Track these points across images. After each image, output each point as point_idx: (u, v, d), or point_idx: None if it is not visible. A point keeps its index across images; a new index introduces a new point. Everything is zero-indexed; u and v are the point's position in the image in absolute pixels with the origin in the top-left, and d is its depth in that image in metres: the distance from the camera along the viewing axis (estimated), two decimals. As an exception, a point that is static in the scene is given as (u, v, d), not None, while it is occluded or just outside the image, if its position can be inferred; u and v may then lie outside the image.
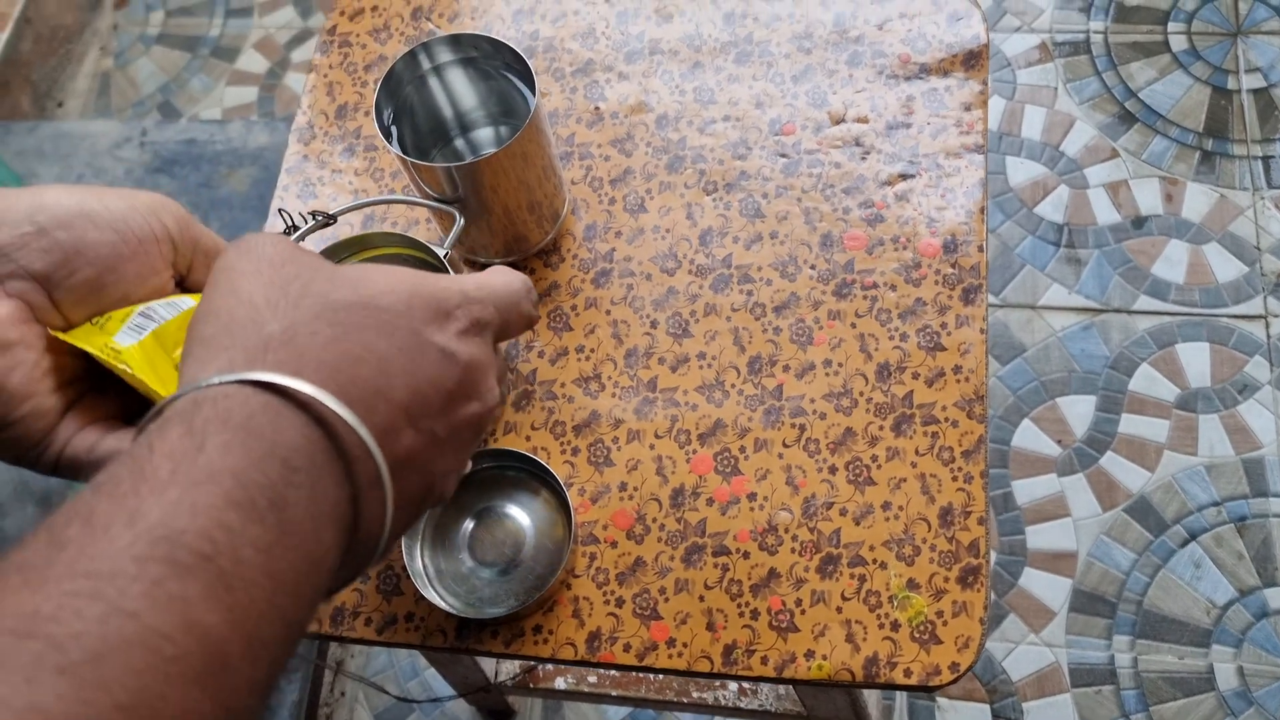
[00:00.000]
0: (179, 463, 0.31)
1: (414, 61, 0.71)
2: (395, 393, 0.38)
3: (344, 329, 0.37)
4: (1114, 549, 1.35)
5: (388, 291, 0.39)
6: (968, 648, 0.65)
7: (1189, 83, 1.62)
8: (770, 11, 0.86)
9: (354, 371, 0.36)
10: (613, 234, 0.79)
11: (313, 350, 0.36)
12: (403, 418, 0.38)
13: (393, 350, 0.38)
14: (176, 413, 0.33)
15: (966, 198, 0.77)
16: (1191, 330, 1.46)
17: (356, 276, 0.39)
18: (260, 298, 0.37)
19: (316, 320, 0.37)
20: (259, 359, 0.35)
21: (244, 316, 0.37)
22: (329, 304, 0.38)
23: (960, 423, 0.71)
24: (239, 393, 0.34)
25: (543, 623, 0.69)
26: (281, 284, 0.38)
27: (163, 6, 2.03)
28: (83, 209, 0.44)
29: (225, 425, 0.33)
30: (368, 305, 0.38)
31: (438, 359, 0.39)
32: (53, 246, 0.43)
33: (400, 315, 0.39)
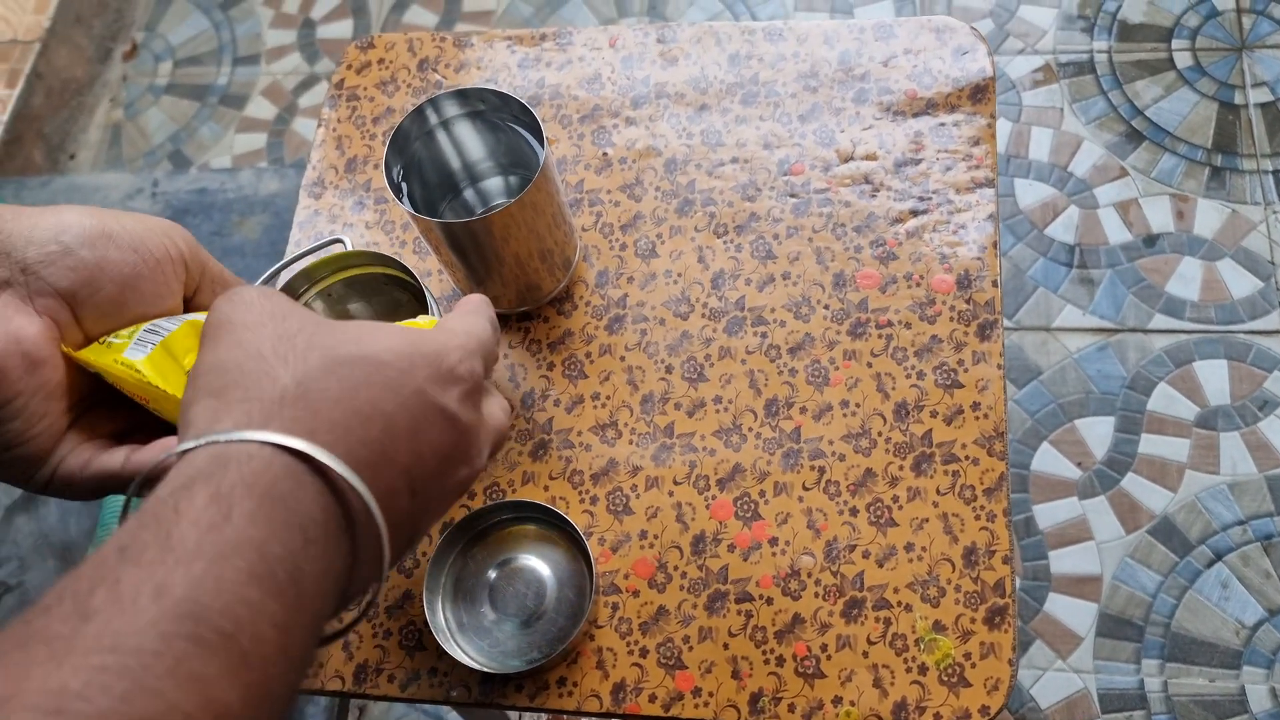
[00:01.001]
0: (205, 533, 0.32)
1: (421, 118, 0.71)
2: (399, 455, 0.38)
3: (352, 385, 0.38)
4: (1139, 571, 1.34)
5: (389, 349, 0.40)
6: (997, 690, 0.64)
7: (1195, 99, 1.62)
8: (775, 52, 0.86)
9: (363, 432, 0.37)
10: (625, 279, 0.79)
11: (325, 408, 0.36)
12: (403, 481, 0.38)
13: (398, 410, 0.38)
14: (201, 473, 0.33)
15: (978, 232, 0.77)
16: (1209, 347, 1.45)
17: (356, 332, 0.40)
18: (268, 349, 0.38)
19: (326, 375, 0.37)
20: (275, 414, 0.36)
21: (254, 369, 0.37)
22: (336, 358, 0.38)
23: (981, 460, 0.70)
24: (261, 454, 0.34)
25: (567, 675, 0.68)
26: (287, 336, 0.38)
27: (171, 56, 2.05)
28: (103, 229, 0.45)
29: (250, 492, 0.33)
30: (372, 361, 0.39)
31: (439, 421, 0.40)
32: (78, 265, 0.44)
33: (405, 373, 0.39)
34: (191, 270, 0.49)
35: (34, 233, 0.44)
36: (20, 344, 0.43)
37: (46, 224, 0.44)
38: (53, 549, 1.60)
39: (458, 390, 0.41)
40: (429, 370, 0.40)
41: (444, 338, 0.42)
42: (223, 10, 2.08)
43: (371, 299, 0.68)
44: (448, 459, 0.41)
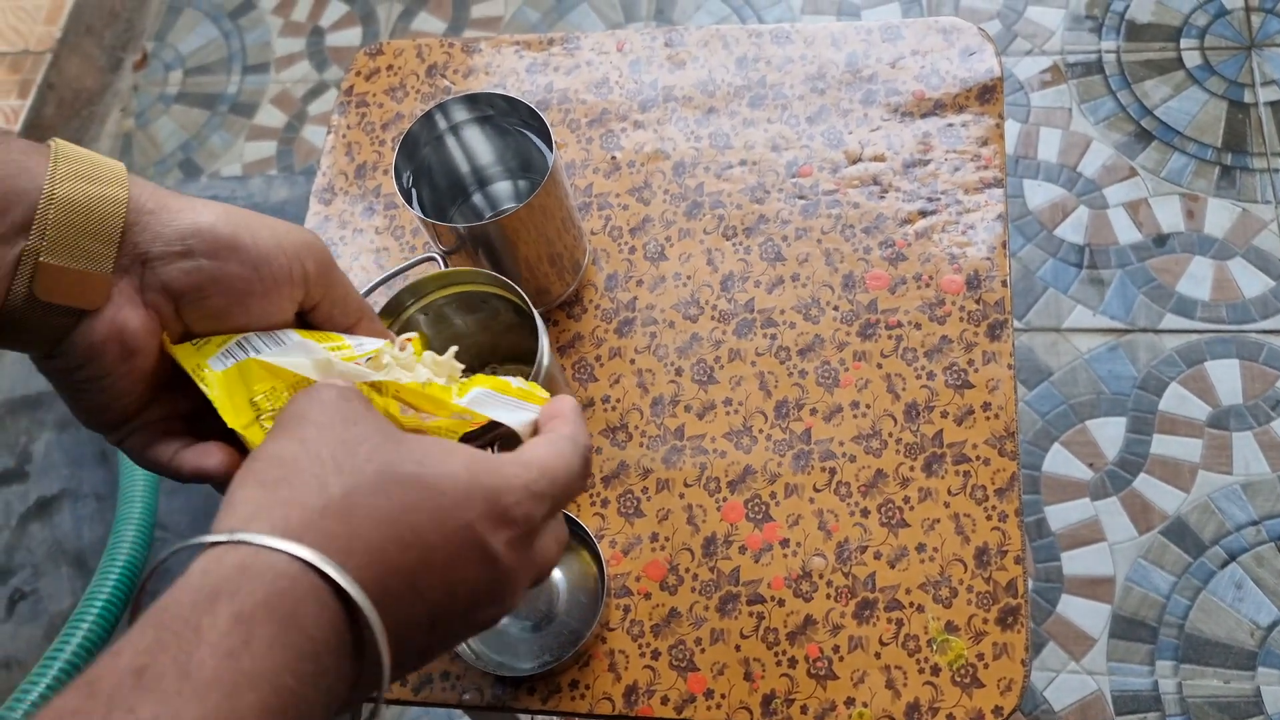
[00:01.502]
0: (224, 659, 0.31)
1: (431, 123, 0.71)
2: (429, 589, 0.37)
3: (400, 508, 0.37)
4: (1152, 572, 1.33)
5: (450, 476, 0.39)
6: (1010, 690, 0.64)
7: (1205, 98, 1.61)
8: (782, 54, 0.86)
9: (399, 559, 0.36)
10: (634, 283, 0.80)
11: (366, 527, 0.36)
12: (426, 614, 0.38)
13: (441, 542, 0.38)
14: (226, 585, 0.33)
15: (987, 233, 0.77)
16: (1220, 347, 1.44)
17: (422, 452, 0.39)
18: (327, 453, 0.38)
19: (377, 492, 0.37)
20: (314, 525, 0.35)
21: (308, 470, 0.37)
22: (392, 475, 0.38)
23: (992, 460, 0.70)
24: (289, 570, 0.34)
25: (579, 677, 0.68)
26: (350, 443, 0.38)
27: (181, 66, 2.07)
28: (233, 240, 0.45)
29: (272, 616, 0.33)
30: (428, 486, 0.38)
31: (479, 562, 0.39)
32: (195, 270, 0.45)
33: (458, 505, 0.38)
34: (313, 292, 0.49)
35: (165, 230, 0.44)
36: (121, 333, 0.45)
37: (182, 223, 0.45)
38: (66, 556, 1.60)
39: (508, 533, 0.40)
40: (484, 507, 0.39)
41: (512, 472, 0.41)
42: (232, 19, 2.09)
43: (475, 312, 0.68)
44: (479, 599, 0.40)
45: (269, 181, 1.75)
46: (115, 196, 0.44)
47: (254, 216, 0.47)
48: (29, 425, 1.72)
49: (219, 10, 2.11)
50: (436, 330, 0.67)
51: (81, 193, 0.43)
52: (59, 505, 1.64)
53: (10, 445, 1.71)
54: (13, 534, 1.64)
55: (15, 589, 1.60)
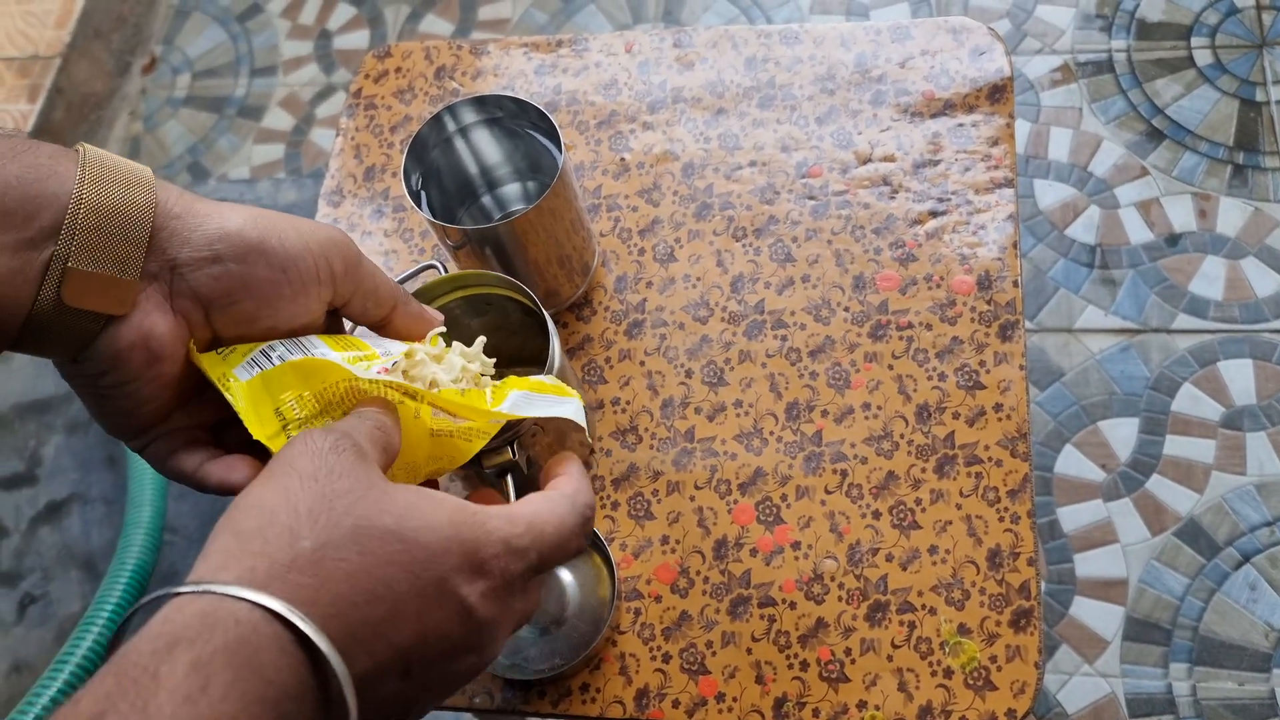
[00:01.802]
0: (180, 705, 0.31)
1: (439, 125, 0.71)
2: (399, 638, 0.37)
3: (373, 560, 0.37)
4: (1165, 574, 1.32)
5: (429, 528, 0.39)
6: (1024, 693, 0.64)
7: (1216, 97, 1.60)
8: (791, 55, 0.86)
9: (366, 612, 0.37)
10: (643, 284, 0.79)
11: (334, 580, 0.36)
12: (397, 665, 0.38)
13: (412, 594, 0.38)
14: (186, 633, 0.33)
15: (998, 233, 0.76)
16: (1233, 347, 1.43)
17: (405, 505, 0.39)
18: (305, 507, 0.38)
19: (349, 545, 0.37)
20: (280, 577, 0.35)
21: (283, 523, 0.37)
22: (367, 529, 0.38)
23: (1004, 462, 0.70)
24: (250, 618, 0.34)
25: (589, 681, 0.68)
26: (330, 497, 0.38)
27: (189, 69, 2.07)
28: (260, 244, 0.45)
29: (231, 661, 0.33)
30: (405, 540, 0.38)
31: (454, 613, 0.39)
32: (223, 275, 0.45)
33: (434, 558, 0.39)
34: (341, 290, 0.49)
35: (193, 235, 0.44)
36: (148, 340, 0.45)
37: (209, 229, 0.45)
38: (75, 560, 1.61)
39: (483, 585, 0.40)
40: (460, 560, 0.39)
41: (495, 525, 0.41)
42: (240, 22, 2.10)
43: (484, 315, 0.68)
44: (454, 648, 0.40)
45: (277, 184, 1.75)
46: (143, 201, 0.44)
47: (280, 218, 0.47)
48: (38, 429, 1.72)
49: (227, 14, 2.12)
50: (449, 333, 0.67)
51: (110, 197, 0.43)
52: (68, 509, 1.65)
53: (20, 449, 1.71)
54: (22, 538, 1.64)
55: (25, 593, 1.60)
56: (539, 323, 0.65)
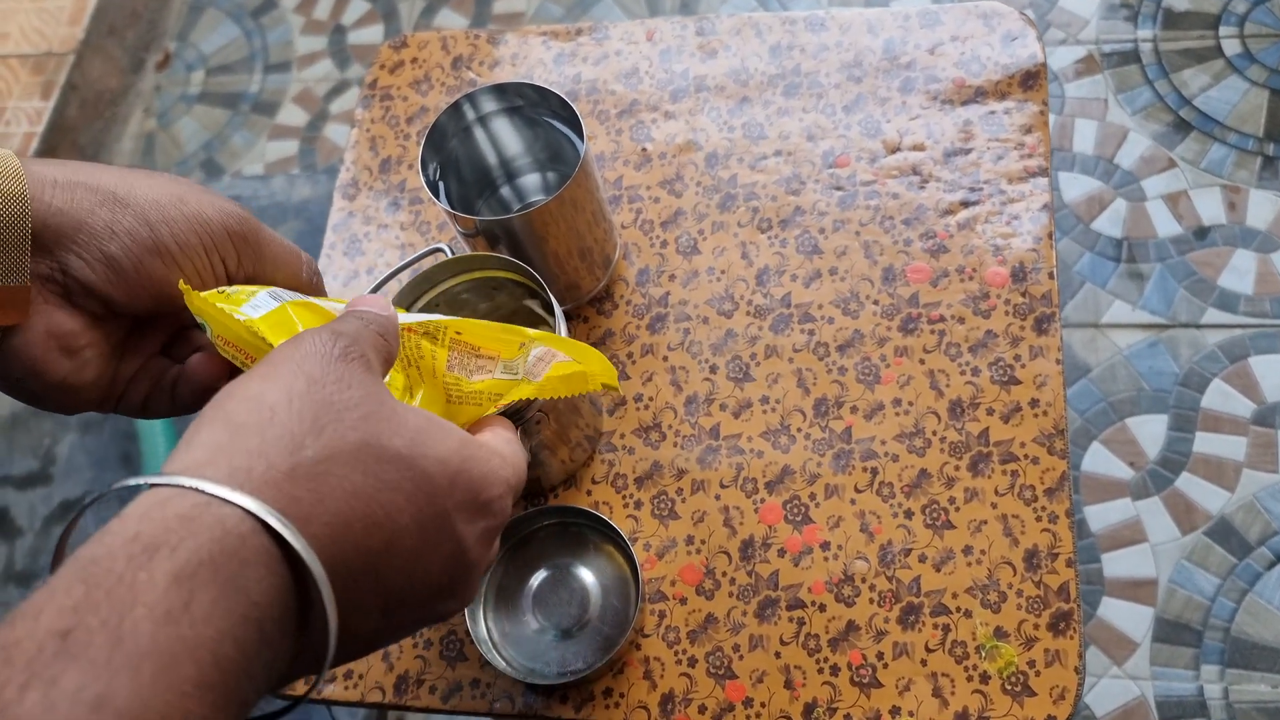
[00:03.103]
0: (160, 625, 0.28)
1: (458, 113, 0.69)
2: (390, 575, 0.35)
3: (378, 483, 0.35)
4: (1196, 574, 1.29)
5: (439, 459, 0.37)
6: (1064, 699, 0.61)
7: (1245, 87, 1.57)
8: (817, 42, 0.84)
9: (364, 538, 0.34)
10: (666, 277, 0.77)
11: (335, 497, 0.33)
12: (381, 603, 0.36)
13: (413, 527, 0.36)
14: (168, 536, 0.30)
15: (1033, 223, 0.74)
16: (1265, 342, 1.40)
17: (415, 429, 0.37)
18: (310, 412, 0.35)
19: (354, 461, 0.34)
20: (278, 483, 0.33)
21: (285, 425, 0.34)
22: (376, 449, 0.35)
23: (1041, 459, 0.67)
24: (239, 528, 0.31)
25: (613, 685, 0.66)
26: (339, 406, 0.35)
27: (203, 65, 2.06)
28: (153, 243, 0.43)
29: (216, 576, 0.30)
30: (413, 467, 0.36)
31: (449, 553, 0.37)
32: (119, 280, 0.43)
33: (440, 491, 0.36)
34: (237, 276, 0.47)
35: (79, 234, 0.42)
36: (62, 338, 0.43)
37: (96, 224, 0.42)
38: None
39: (483, 524, 0.39)
40: (464, 495, 0.38)
41: (498, 465, 0.40)
42: (254, 18, 2.08)
43: (494, 299, 0.67)
44: (440, 590, 0.38)
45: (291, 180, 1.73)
46: (16, 209, 0.40)
47: (171, 197, 0.44)
48: (52, 428, 1.71)
49: (241, 9, 2.10)
50: (456, 314, 0.65)
51: None
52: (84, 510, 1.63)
53: (34, 448, 1.70)
54: (37, 537, 1.64)
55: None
56: (547, 305, 0.63)
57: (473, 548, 0.38)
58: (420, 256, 0.69)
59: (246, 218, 0.46)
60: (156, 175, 0.45)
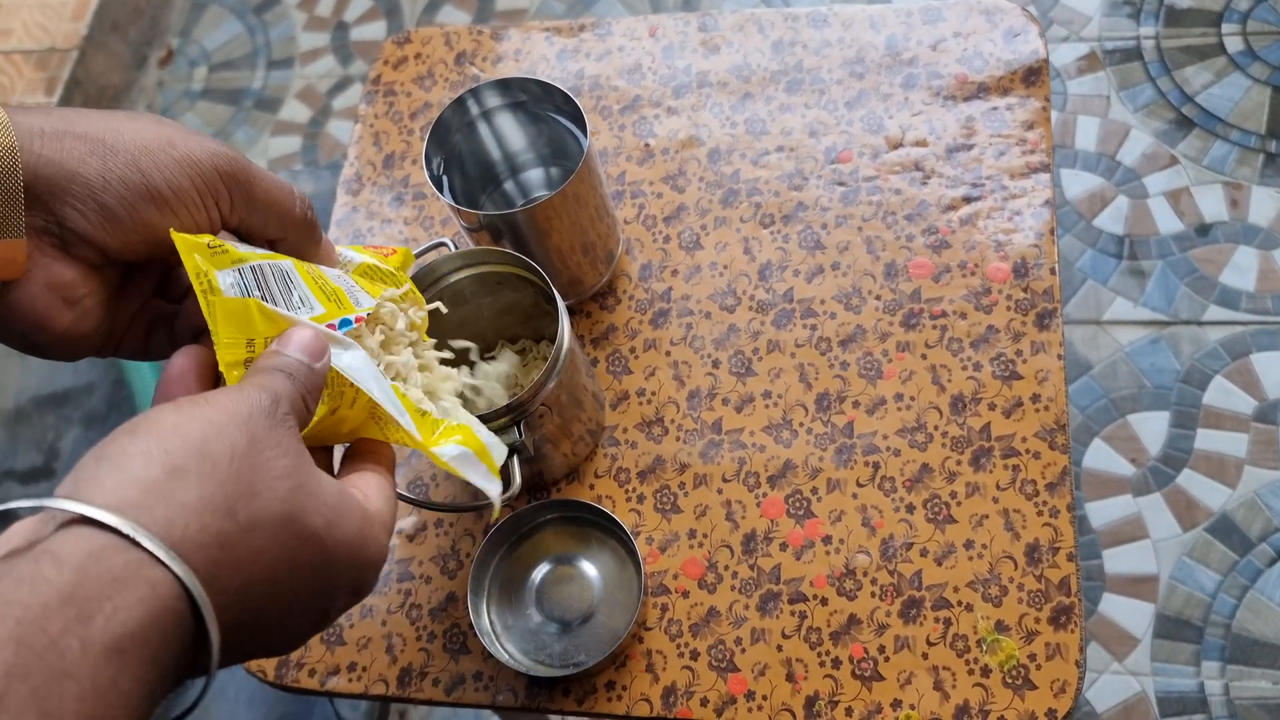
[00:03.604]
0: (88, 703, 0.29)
1: (462, 108, 0.69)
2: (265, 633, 0.37)
3: (292, 561, 0.36)
4: (1197, 571, 1.30)
5: (345, 543, 0.39)
6: (1065, 693, 0.62)
7: (1247, 84, 1.57)
8: (819, 38, 0.84)
9: (259, 606, 0.36)
10: (669, 272, 0.77)
11: (249, 566, 0.35)
12: (244, 651, 0.38)
13: (305, 598, 0.38)
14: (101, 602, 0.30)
15: (1035, 219, 0.74)
16: (1266, 339, 1.40)
17: (333, 509, 0.38)
18: (246, 479, 0.36)
19: (275, 534, 0.36)
20: (209, 549, 0.34)
21: (220, 485, 0.35)
22: (297, 526, 0.37)
23: (1042, 454, 0.67)
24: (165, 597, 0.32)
25: (615, 678, 0.66)
26: (272, 476, 0.36)
27: (206, 61, 2.06)
28: (145, 188, 0.43)
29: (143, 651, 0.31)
30: (324, 548, 0.38)
31: (321, 617, 0.40)
32: (114, 229, 0.43)
33: (337, 573, 0.39)
34: (237, 205, 0.47)
35: (72, 185, 0.42)
36: (62, 289, 0.43)
37: (89, 174, 0.42)
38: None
39: (354, 600, 0.41)
40: (357, 577, 0.40)
41: (383, 543, 0.42)
42: (257, 14, 2.09)
43: (497, 293, 0.67)
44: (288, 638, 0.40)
45: (294, 176, 1.73)
46: (3, 146, 0.40)
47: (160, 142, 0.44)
48: (56, 422, 1.71)
49: (243, 5, 2.10)
50: (454, 310, 0.66)
51: None
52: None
53: (38, 442, 1.71)
54: (41, 531, 1.64)
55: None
56: (550, 299, 0.64)
57: (336, 613, 0.41)
58: (424, 251, 0.69)
59: (235, 157, 0.46)
60: (141, 117, 0.45)
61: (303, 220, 0.49)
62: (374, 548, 0.41)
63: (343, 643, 0.71)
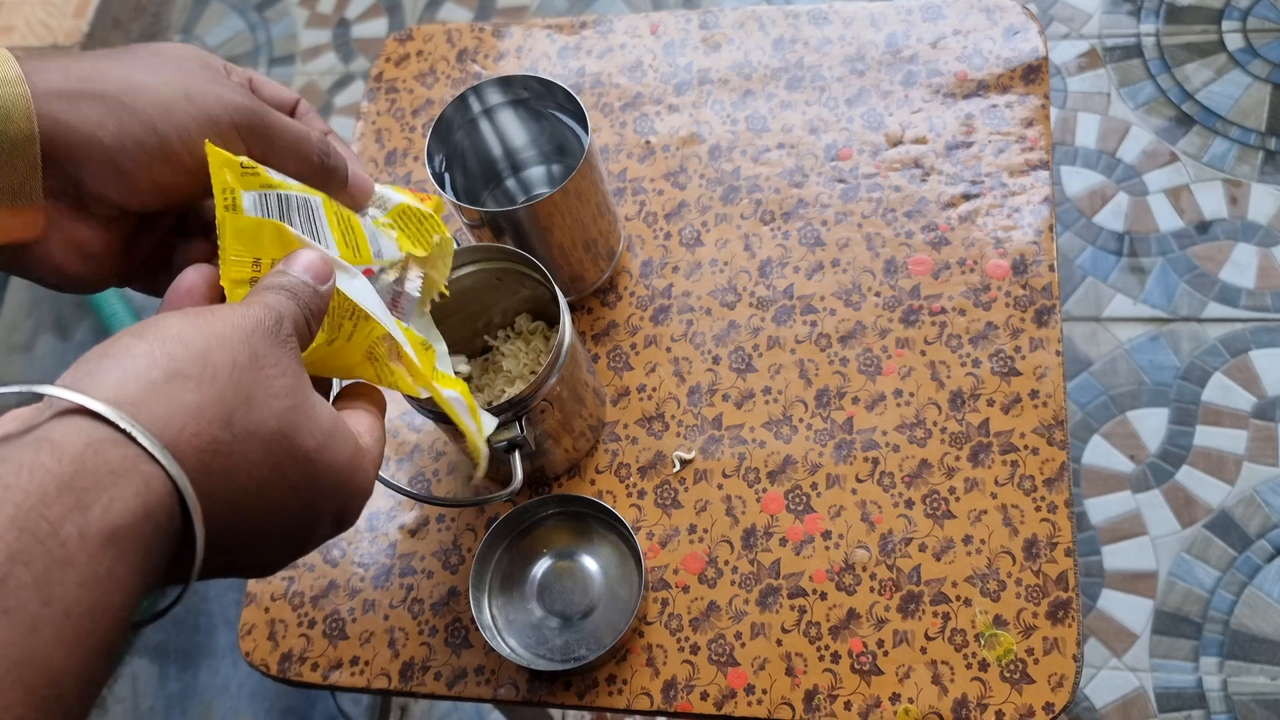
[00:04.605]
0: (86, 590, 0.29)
1: (464, 105, 0.70)
2: (245, 546, 0.38)
3: (280, 478, 0.37)
4: (1196, 567, 1.30)
5: (336, 468, 0.39)
6: (1062, 686, 0.62)
7: (1247, 81, 1.57)
8: (820, 35, 0.84)
9: (243, 520, 0.36)
10: (670, 269, 0.78)
11: (239, 477, 0.36)
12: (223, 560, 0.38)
13: (287, 519, 0.38)
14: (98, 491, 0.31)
15: (1034, 216, 0.74)
16: (1266, 336, 1.41)
17: (325, 433, 0.39)
18: (245, 390, 0.36)
19: (267, 449, 0.36)
20: (203, 454, 0.34)
21: (220, 392, 0.35)
22: (289, 444, 0.37)
23: (1040, 450, 0.68)
24: (159, 493, 0.32)
25: (616, 672, 0.67)
26: (270, 393, 0.37)
27: (208, 58, 2.06)
28: (164, 152, 0.43)
29: (136, 544, 0.31)
30: (313, 470, 0.38)
31: (301, 540, 0.40)
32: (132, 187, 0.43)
33: (323, 497, 0.39)
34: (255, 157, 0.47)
35: (91, 149, 0.42)
36: (80, 247, 0.44)
37: (105, 138, 0.42)
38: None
39: (336, 529, 0.42)
40: (341, 506, 0.41)
41: (370, 475, 0.42)
42: (258, 11, 2.09)
43: (499, 289, 0.68)
44: (268, 558, 0.41)
45: (296, 173, 1.74)
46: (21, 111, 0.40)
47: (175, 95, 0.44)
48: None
49: (245, 2, 2.11)
50: (460, 304, 0.66)
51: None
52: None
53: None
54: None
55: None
56: (552, 296, 0.64)
57: (317, 541, 0.41)
58: None
59: (254, 109, 0.46)
60: (163, 64, 0.45)
61: (321, 168, 0.49)
62: (362, 478, 0.41)
63: (345, 637, 0.71)
